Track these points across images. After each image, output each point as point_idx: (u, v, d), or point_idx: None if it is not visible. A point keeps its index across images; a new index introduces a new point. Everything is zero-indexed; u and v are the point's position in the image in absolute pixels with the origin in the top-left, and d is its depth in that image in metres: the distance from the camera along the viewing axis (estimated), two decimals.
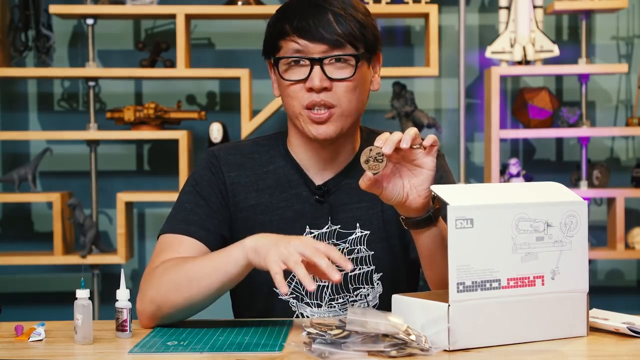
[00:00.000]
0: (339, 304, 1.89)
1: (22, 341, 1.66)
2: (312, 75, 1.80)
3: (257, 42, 3.90)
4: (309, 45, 1.80)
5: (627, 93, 3.97)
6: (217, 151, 1.95)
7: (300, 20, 1.80)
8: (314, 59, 1.80)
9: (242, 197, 1.91)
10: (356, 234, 1.90)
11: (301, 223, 1.89)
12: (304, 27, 1.79)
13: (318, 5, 1.81)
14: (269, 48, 1.88)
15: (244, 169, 1.92)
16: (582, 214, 1.62)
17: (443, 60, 3.90)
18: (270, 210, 1.90)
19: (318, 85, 1.80)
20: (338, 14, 1.80)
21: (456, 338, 1.52)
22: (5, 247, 3.87)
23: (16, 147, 3.93)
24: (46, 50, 3.69)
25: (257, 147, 1.96)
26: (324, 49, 1.80)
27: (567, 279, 1.61)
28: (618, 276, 4.01)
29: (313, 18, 1.79)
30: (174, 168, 3.75)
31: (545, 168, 3.97)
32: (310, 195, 1.90)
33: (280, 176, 1.92)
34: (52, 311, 3.89)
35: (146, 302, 1.75)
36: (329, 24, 1.79)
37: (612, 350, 1.56)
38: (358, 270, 1.89)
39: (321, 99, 1.81)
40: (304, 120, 1.83)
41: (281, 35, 1.83)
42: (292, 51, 1.81)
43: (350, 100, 1.83)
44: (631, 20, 3.96)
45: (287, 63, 1.83)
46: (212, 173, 1.92)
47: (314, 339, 1.52)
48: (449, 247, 1.51)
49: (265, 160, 1.94)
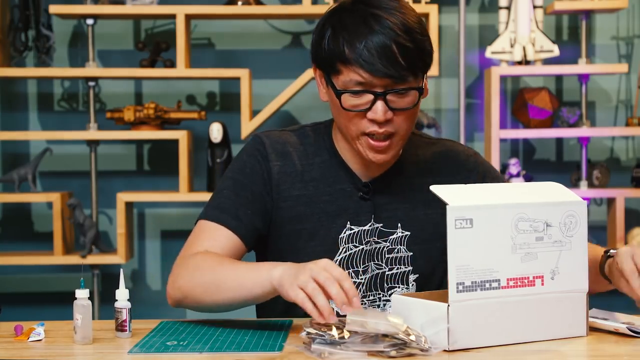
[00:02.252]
0: (369, 301, 1.89)
1: (21, 341, 1.66)
2: (375, 107, 1.77)
3: (257, 42, 3.91)
4: (373, 80, 1.76)
5: (627, 93, 3.97)
6: (264, 137, 1.93)
7: (363, 49, 1.74)
8: (378, 94, 1.77)
9: (287, 187, 1.90)
10: (397, 234, 1.90)
11: (343, 218, 1.89)
12: (367, 59, 1.74)
13: (378, 32, 1.75)
14: (324, 65, 1.82)
15: (290, 159, 1.92)
16: (581, 214, 1.62)
17: (443, 60, 3.90)
18: (313, 202, 1.90)
19: (382, 119, 1.77)
20: (399, 43, 1.75)
21: (456, 338, 1.52)
22: (5, 247, 3.87)
23: (16, 147, 3.93)
24: (46, 50, 3.69)
25: (304, 137, 1.95)
26: (387, 82, 1.76)
27: (566, 279, 1.61)
28: None
29: (376, 48, 1.74)
30: (174, 168, 3.75)
31: (545, 168, 3.97)
32: (354, 191, 1.90)
33: (325, 170, 1.91)
34: (51, 311, 3.89)
35: (175, 288, 1.81)
36: (394, 57, 1.74)
37: (612, 350, 1.56)
38: (396, 270, 1.90)
39: (384, 129, 1.79)
40: (362, 145, 1.82)
41: (342, 60, 1.77)
42: (354, 83, 1.77)
43: (409, 126, 1.83)
44: (631, 20, 3.96)
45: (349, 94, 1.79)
46: (258, 161, 1.91)
47: (314, 339, 1.52)
48: (448, 247, 1.51)
49: (311, 152, 1.93)
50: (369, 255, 1.89)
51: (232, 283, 1.73)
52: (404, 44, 1.75)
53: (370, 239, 1.89)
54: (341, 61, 1.77)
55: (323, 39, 1.81)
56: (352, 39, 1.76)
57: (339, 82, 1.79)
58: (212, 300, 1.76)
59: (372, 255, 1.89)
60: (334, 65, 1.79)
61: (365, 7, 1.79)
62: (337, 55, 1.78)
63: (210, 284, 1.75)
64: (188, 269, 1.80)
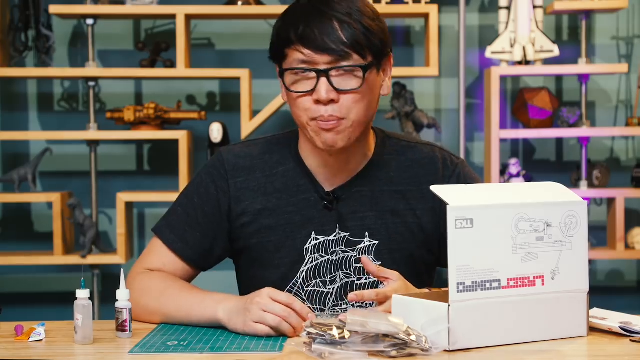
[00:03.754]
0: (342, 310, 1.88)
1: (22, 341, 1.66)
2: (318, 87, 1.76)
3: (257, 42, 3.91)
4: (314, 56, 1.75)
5: (627, 93, 3.97)
6: (226, 154, 1.93)
7: (305, 28, 1.74)
8: (320, 70, 1.75)
9: (249, 202, 1.89)
10: (364, 243, 1.88)
11: (307, 229, 1.87)
12: (308, 35, 1.74)
13: (322, 12, 1.75)
14: (275, 54, 1.83)
15: (252, 173, 1.91)
16: (581, 214, 1.62)
17: (443, 60, 3.90)
18: (277, 214, 1.88)
19: (325, 98, 1.75)
20: (343, 21, 1.74)
21: (456, 338, 1.52)
22: (5, 247, 3.87)
23: (16, 147, 3.93)
24: (46, 50, 3.68)
25: (269, 146, 1.94)
26: (329, 59, 1.75)
27: (567, 279, 1.61)
28: (618, 276, 4.01)
29: (317, 26, 1.74)
30: (174, 168, 3.74)
31: (545, 168, 3.97)
32: (319, 200, 1.88)
33: (289, 179, 1.90)
34: (52, 311, 3.89)
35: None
36: (334, 32, 1.74)
37: (612, 350, 1.56)
38: (365, 280, 1.88)
39: (329, 113, 1.77)
40: (312, 130, 1.80)
41: (286, 43, 1.78)
42: (297, 62, 1.77)
43: (359, 111, 1.79)
44: (631, 20, 3.96)
45: (293, 73, 1.79)
46: (213, 181, 1.91)
47: (314, 339, 1.52)
48: (449, 247, 1.51)
49: (275, 161, 1.91)
50: (337, 265, 1.87)
51: (177, 314, 1.77)
52: (347, 22, 1.75)
53: (336, 249, 1.87)
54: (286, 45, 1.78)
55: (274, 31, 1.83)
56: (296, 23, 1.77)
57: (285, 66, 1.80)
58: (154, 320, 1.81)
59: (339, 265, 1.87)
60: (282, 51, 1.80)
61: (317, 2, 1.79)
62: (283, 40, 1.79)
63: (156, 312, 1.80)
64: (136, 290, 1.82)
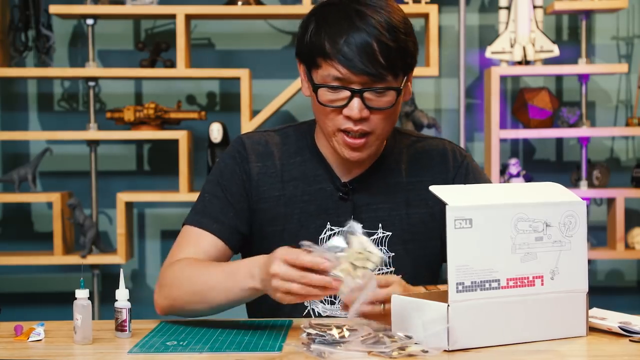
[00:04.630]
0: None
1: (21, 341, 1.66)
2: (351, 104, 1.77)
3: (257, 42, 3.91)
4: (350, 75, 1.75)
5: (627, 93, 3.97)
6: (246, 139, 1.95)
7: (343, 44, 1.74)
8: (355, 90, 1.76)
9: (267, 188, 1.91)
10: (378, 235, 1.89)
11: (322, 219, 1.89)
12: (346, 55, 1.74)
13: (360, 28, 1.74)
14: (305, 58, 1.83)
15: (271, 159, 1.92)
16: (580, 213, 1.62)
17: (443, 60, 3.90)
18: (293, 202, 1.90)
19: (357, 116, 1.77)
20: (381, 42, 1.73)
21: (456, 338, 1.52)
22: (5, 247, 3.87)
23: (16, 147, 3.93)
24: (46, 50, 3.69)
25: (286, 136, 1.95)
26: (365, 80, 1.75)
27: (566, 279, 1.61)
28: (618, 276, 4.01)
29: (356, 44, 1.73)
30: (174, 168, 3.74)
31: (545, 168, 3.97)
32: (334, 191, 1.90)
33: (306, 169, 1.91)
34: (51, 311, 3.89)
35: (162, 296, 1.83)
36: (374, 55, 1.73)
37: (612, 350, 1.56)
38: (378, 271, 1.88)
39: (359, 127, 1.78)
40: (338, 142, 1.82)
41: (321, 54, 1.77)
42: (331, 78, 1.77)
43: (386, 126, 1.82)
44: (631, 20, 3.96)
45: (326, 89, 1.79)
46: (237, 163, 1.92)
47: (314, 339, 1.52)
48: (448, 247, 1.51)
49: (292, 151, 1.93)
50: None
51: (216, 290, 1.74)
52: (385, 42, 1.74)
53: None
54: (321, 55, 1.77)
55: (306, 33, 1.82)
56: (333, 34, 1.76)
57: (318, 77, 1.80)
58: (200, 309, 1.79)
59: None
60: (314, 59, 1.79)
61: (350, 4, 1.78)
62: (317, 49, 1.78)
63: (195, 293, 1.77)
64: (172, 278, 1.81)
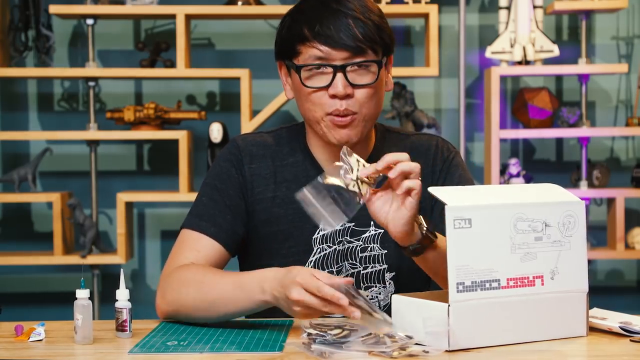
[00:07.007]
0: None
1: (22, 341, 1.66)
2: (335, 82, 1.79)
3: (257, 42, 3.91)
4: (330, 52, 1.79)
5: (627, 93, 3.97)
6: (240, 141, 1.96)
7: (321, 25, 1.78)
8: (337, 66, 1.79)
9: (262, 189, 1.92)
10: (370, 232, 1.90)
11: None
12: (325, 33, 1.78)
13: (335, 10, 1.79)
14: (285, 51, 1.86)
15: (265, 161, 1.93)
16: (580, 214, 1.62)
17: (443, 60, 3.90)
18: (286, 203, 1.91)
19: (342, 92, 1.79)
20: (357, 18, 1.79)
21: (456, 338, 1.52)
22: (5, 247, 3.87)
23: (16, 147, 3.93)
24: (46, 50, 3.69)
25: (279, 138, 1.97)
26: (346, 55, 1.79)
27: (566, 279, 1.61)
28: (618, 276, 4.01)
29: (334, 23, 1.78)
30: (174, 168, 3.75)
31: (545, 168, 3.97)
32: None
33: (298, 170, 1.93)
34: (52, 311, 3.89)
35: (165, 302, 1.81)
36: (350, 29, 1.78)
37: (612, 350, 1.56)
38: (370, 269, 1.90)
39: (344, 107, 1.80)
40: (326, 126, 1.84)
41: (300, 39, 1.81)
42: (313, 58, 1.80)
43: (371, 106, 1.83)
44: (631, 20, 3.96)
45: (307, 70, 1.82)
46: (232, 165, 1.93)
47: (314, 339, 1.52)
48: (447, 247, 1.51)
49: (285, 152, 1.94)
50: (342, 255, 1.90)
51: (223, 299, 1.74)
52: (361, 20, 1.79)
53: (342, 239, 1.89)
54: (300, 41, 1.81)
55: (282, 29, 1.86)
56: (310, 20, 1.80)
57: (300, 62, 1.82)
58: (206, 315, 1.77)
59: (345, 254, 1.90)
60: (294, 47, 1.82)
61: None
62: (296, 36, 1.82)
63: (201, 301, 1.76)
64: (178, 285, 1.80)
